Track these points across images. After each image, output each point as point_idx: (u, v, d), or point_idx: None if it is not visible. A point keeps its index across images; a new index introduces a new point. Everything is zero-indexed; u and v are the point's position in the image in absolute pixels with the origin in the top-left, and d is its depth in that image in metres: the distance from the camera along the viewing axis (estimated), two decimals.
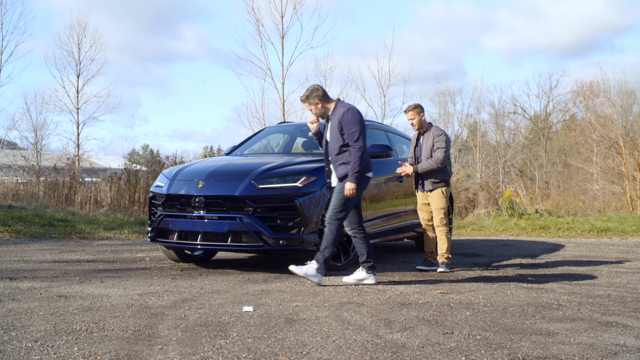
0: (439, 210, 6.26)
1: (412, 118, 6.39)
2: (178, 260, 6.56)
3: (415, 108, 6.37)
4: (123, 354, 2.95)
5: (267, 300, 4.42)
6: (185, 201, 5.76)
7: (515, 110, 39.52)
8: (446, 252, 6.28)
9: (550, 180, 33.26)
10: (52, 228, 9.60)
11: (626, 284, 5.56)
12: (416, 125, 6.40)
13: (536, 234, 11.91)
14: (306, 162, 6.21)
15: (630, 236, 11.38)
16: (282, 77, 18.72)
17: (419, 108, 6.40)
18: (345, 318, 3.86)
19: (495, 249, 8.89)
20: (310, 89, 5.35)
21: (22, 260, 6.39)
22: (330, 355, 3.02)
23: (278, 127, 8.27)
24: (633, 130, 20.70)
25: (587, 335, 3.54)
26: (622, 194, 19.85)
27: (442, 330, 3.59)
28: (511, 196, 14.30)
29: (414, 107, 6.38)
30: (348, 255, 6.15)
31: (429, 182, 6.32)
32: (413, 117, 6.38)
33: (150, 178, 13.95)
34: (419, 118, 6.38)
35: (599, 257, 7.90)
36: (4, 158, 19.10)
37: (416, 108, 6.37)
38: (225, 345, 3.15)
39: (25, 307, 3.97)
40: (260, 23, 18.75)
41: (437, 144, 6.27)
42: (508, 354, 3.11)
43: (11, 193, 13.33)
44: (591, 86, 36.54)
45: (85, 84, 22.48)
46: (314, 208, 5.65)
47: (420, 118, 6.38)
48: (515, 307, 4.34)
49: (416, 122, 6.38)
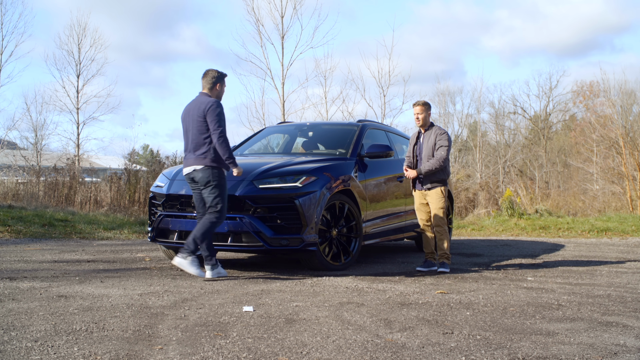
0: (438, 210, 6.25)
1: (418, 113, 6.39)
2: None
3: (425, 104, 6.42)
4: (123, 354, 2.95)
5: (267, 300, 4.42)
6: (185, 201, 5.76)
7: (515, 110, 39.55)
8: (445, 251, 6.29)
9: (550, 180, 33.27)
10: (52, 228, 9.60)
11: (626, 284, 5.56)
12: (421, 121, 6.40)
13: (536, 234, 11.91)
14: (306, 162, 6.21)
15: (630, 236, 11.38)
16: (282, 77, 18.74)
17: (428, 105, 6.45)
18: (345, 318, 3.86)
19: (495, 249, 8.89)
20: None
21: (22, 260, 6.39)
22: (330, 355, 3.02)
23: (278, 127, 8.27)
24: (633, 130, 20.70)
25: (587, 335, 3.54)
26: (622, 194, 19.86)
27: (442, 330, 3.59)
28: (511, 196, 14.30)
29: (423, 103, 6.42)
30: (348, 255, 6.16)
31: (427, 180, 6.31)
32: (420, 113, 6.39)
33: (150, 178, 13.95)
34: (425, 115, 6.39)
35: (599, 257, 7.90)
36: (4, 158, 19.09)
37: (425, 105, 6.42)
38: (225, 345, 3.15)
39: (25, 307, 3.97)
40: (260, 23, 18.78)
41: (440, 142, 6.26)
42: (508, 354, 3.11)
43: (11, 193, 13.33)
44: (591, 86, 36.57)
45: (85, 84, 22.52)
46: (314, 208, 5.65)
47: (426, 115, 6.40)
48: (515, 307, 4.34)
49: (422, 118, 6.39)
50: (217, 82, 5.42)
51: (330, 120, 16.49)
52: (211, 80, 5.41)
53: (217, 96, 5.45)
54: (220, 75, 5.45)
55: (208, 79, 5.42)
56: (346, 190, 6.20)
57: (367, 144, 6.98)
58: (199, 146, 5.27)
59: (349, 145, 6.85)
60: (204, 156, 5.24)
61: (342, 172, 6.23)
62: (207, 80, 5.42)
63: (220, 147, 5.19)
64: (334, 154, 6.88)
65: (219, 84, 5.44)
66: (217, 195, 5.22)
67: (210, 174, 5.21)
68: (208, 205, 5.24)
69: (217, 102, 5.29)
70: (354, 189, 6.28)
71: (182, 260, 5.19)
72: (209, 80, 5.42)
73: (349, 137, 7.04)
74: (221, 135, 5.19)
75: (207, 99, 5.31)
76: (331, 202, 5.94)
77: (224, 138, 5.20)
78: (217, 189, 5.22)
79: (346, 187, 6.16)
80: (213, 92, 5.43)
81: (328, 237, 5.99)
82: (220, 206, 5.22)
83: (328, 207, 5.93)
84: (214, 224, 5.22)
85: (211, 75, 5.42)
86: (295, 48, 21.30)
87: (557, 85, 39.75)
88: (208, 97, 5.36)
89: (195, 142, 5.29)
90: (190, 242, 5.18)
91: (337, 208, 6.04)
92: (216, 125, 5.19)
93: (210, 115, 5.21)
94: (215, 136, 5.18)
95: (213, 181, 5.21)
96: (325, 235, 5.96)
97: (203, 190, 5.27)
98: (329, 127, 8.01)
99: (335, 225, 6.05)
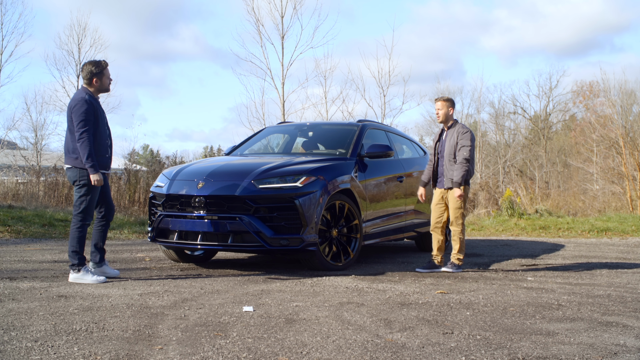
0: (456, 210, 6.12)
1: (439, 109, 6.29)
2: (178, 260, 6.56)
3: (447, 100, 6.30)
4: (123, 354, 2.95)
5: (267, 300, 4.42)
6: (185, 201, 5.75)
7: (515, 110, 39.56)
8: (458, 252, 6.21)
9: (550, 180, 33.28)
10: (52, 228, 9.60)
11: (626, 284, 5.56)
12: (441, 117, 6.30)
13: (536, 234, 11.91)
14: (306, 162, 6.21)
15: (630, 236, 11.38)
16: (282, 77, 18.74)
17: (450, 102, 6.32)
18: (345, 318, 3.86)
19: (495, 249, 8.89)
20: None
21: (22, 260, 6.39)
22: (330, 355, 3.02)
23: (278, 127, 8.27)
24: (633, 130, 20.71)
25: (587, 335, 3.54)
26: (622, 194, 19.86)
27: (442, 330, 3.59)
28: (511, 196, 14.29)
29: (445, 99, 6.31)
30: (348, 255, 6.16)
31: (449, 179, 6.16)
32: (441, 108, 6.28)
33: (150, 178, 13.96)
34: (445, 111, 6.27)
35: (599, 257, 7.90)
36: (4, 158, 19.10)
37: (447, 101, 6.30)
38: (225, 345, 3.15)
39: (25, 307, 3.97)
40: (260, 23, 18.78)
41: (462, 141, 6.12)
42: (508, 354, 3.11)
43: (11, 193, 13.33)
44: (591, 86, 36.60)
45: None
46: (314, 208, 5.65)
47: (447, 111, 6.27)
48: (515, 307, 4.34)
49: (442, 114, 6.28)
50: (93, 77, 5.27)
51: (330, 120, 16.50)
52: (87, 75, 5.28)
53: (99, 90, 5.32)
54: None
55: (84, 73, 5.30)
56: (346, 190, 6.19)
57: (367, 144, 6.97)
58: None
59: (349, 145, 6.85)
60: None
61: (342, 172, 6.22)
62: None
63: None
64: (334, 154, 6.88)
65: (96, 78, 5.27)
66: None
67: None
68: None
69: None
70: (354, 189, 6.28)
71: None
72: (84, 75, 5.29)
73: (349, 137, 7.04)
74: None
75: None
76: (331, 202, 5.94)
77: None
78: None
79: (346, 187, 6.15)
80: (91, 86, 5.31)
81: (328, 237, 5.99)
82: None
83: (328, 207, 5.93)
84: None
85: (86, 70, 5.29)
86: (295, 48, 21.29)
87: (557, 85, 39.71)
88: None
89: None
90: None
91: (337, 208, 6.04)
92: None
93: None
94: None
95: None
96: (325, 235, 5.96)
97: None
98: (329, 127, 8.01)
99: (335, 225, 6.05)
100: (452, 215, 6.18)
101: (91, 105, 5.15)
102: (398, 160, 7.53)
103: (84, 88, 5.29)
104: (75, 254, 5.11)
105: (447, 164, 6.20)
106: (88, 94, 5.22)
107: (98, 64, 5.29)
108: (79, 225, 5.16)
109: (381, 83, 20.51)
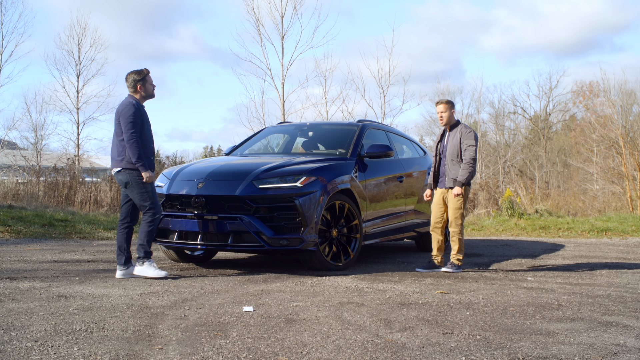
0: (455, 210, 6.13)
1: (442, 112, 6.32)
2: (178, 260, 6.56)
3: (448, 103, 6.33)
4: (123, 354, 2.95)
5: (267, 300, 4.42)
6: (185, 201, 5.76)
7: (515, 110, 39.54)
8: (457, 253, 6.22)
9: (550, 180, 33.29)
10: (52, 228, 9.60)
11: (626, 284, 5.56)
12: (445, 120, 6.32)
13: (536, 234, 11.91)
14: (306, 162, 6.21)
15: (630, 236, 11.38)
16: (282, 77, 18.75)
17: (451, 104, 6.36)
18: (345, 318, 3.86)
19: (495, 249, 8.89)
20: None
21: (22, 260, 6.39)
22: (330, 355, 3.02)
23: (278, 127, 8.27)
24: (633, 130, 20.71)
25: (587, 335, 3.54)
26: (622, 194, 19.86)
27: (442, 330, 3.59)
28: (511, 196, 14.29)
29: (446, 102, 6.34)
30: (348, 255, 6.16)
31: (451, 179, 6.18)
32: (443, 111, 6.31)
33: None
34: (449, 113, 6.30)
35: (599, 257, 7.90)
36: (4, 158, 19.09)
37: (448, 103, 6.34)
38: (225, 345, 3.15)
39: (25, 307, 3.97)
40: (260, 23, 18.79)
41: (467, 141, 6.14)
42: (508, 354, 3.11)
43: (11, 193, 13.33)
44: (591, 86, 36.59)
45: (85, 84, 22.47)
46: (314, 208, 5.65)
47: (450, 113, 6.31)
48: (515, 307, 4.34)
49: (445, 116, 6.31)
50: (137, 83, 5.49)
51: (330, 120, 16.49)
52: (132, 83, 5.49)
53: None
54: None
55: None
56: (346, 190, 6.19)
57: (367, 144, 6.97)
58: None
59: (349, 145, 6.85)
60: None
61: (342, 172, 6.22)
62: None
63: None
64: (334, 154, 6.88)
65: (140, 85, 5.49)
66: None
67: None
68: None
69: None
70: (354, 189, 6.28)
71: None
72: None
73: (349, 137, 7.04)
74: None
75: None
76: (331, 202, 5.94)
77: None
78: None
79: (346, 187, 6.15)
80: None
81: (328, 237, 5.99)
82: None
83: (328, 207, 5.93)
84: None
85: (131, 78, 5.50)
86: (295, 48, 21.29)
87: (557, 85, 39.68)
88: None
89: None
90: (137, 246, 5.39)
91: (337, 208, 6.04)
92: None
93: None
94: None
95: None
96: (325, 235, 5.96)
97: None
98: (329, 127, 8.01)
99: (335, 225, 6.05)
100: (451, 216, 6.19)
101: (138, 110, 5.39)
102: (398, 160, 7.53)
103: (130, 96, 5.50)
104: (141, 247, 5.35)
105: (449, 164, 6.21)
106: (135, 100, 5.44)
107: (140, 72, 5.52)
108: (150, 220, 5.39)
109: (381, 83, 20.52)
